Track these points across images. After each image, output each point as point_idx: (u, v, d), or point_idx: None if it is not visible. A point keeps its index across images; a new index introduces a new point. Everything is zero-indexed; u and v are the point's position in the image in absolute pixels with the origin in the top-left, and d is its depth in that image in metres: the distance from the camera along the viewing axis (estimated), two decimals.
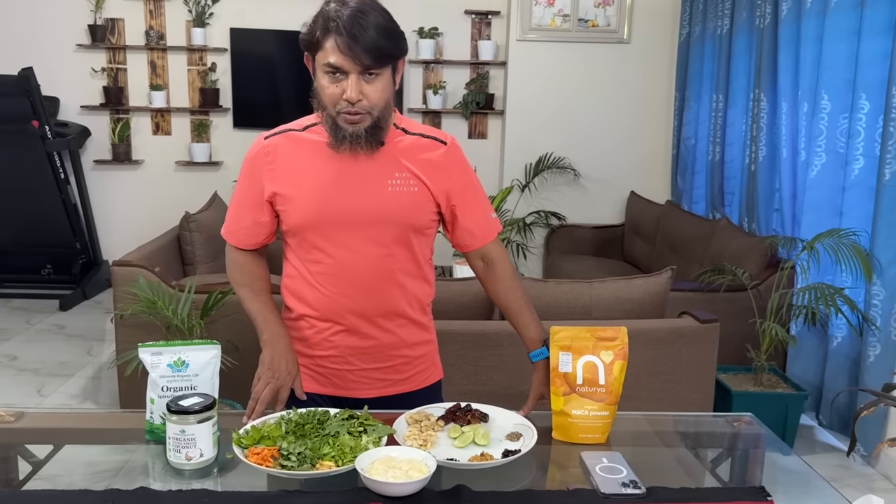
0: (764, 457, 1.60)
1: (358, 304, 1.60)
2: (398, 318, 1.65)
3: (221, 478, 1.34)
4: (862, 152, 3.26)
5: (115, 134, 5.62)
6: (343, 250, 1.58)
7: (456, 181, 1.64)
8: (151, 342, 1.51)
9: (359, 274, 1.59)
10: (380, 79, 1.49)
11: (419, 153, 1.60)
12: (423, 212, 1.61)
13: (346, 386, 1.67)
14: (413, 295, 1.66)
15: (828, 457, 3.23)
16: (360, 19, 1.44)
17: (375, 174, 1.56)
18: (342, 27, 1.43)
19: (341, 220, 1.56)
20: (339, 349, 1.64)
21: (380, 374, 1.67)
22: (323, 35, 1.46)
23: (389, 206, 1.57)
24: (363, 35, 1.43)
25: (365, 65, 1.45)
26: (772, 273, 3.60)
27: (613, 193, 5.76)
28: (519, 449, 1.39)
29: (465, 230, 1.67)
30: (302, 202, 1.57)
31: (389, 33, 1.48)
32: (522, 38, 5.54)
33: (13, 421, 1.53)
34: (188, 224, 4.05)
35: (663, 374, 2.77)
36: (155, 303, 2.90)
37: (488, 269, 1.71)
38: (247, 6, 5.56)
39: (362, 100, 1.48)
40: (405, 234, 1.60)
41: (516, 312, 1.69)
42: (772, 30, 3.93)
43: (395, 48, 1.49)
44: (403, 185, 1.57)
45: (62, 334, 4.65)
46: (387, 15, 1.50)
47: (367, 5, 1.47)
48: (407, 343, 1.68)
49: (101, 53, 5.58)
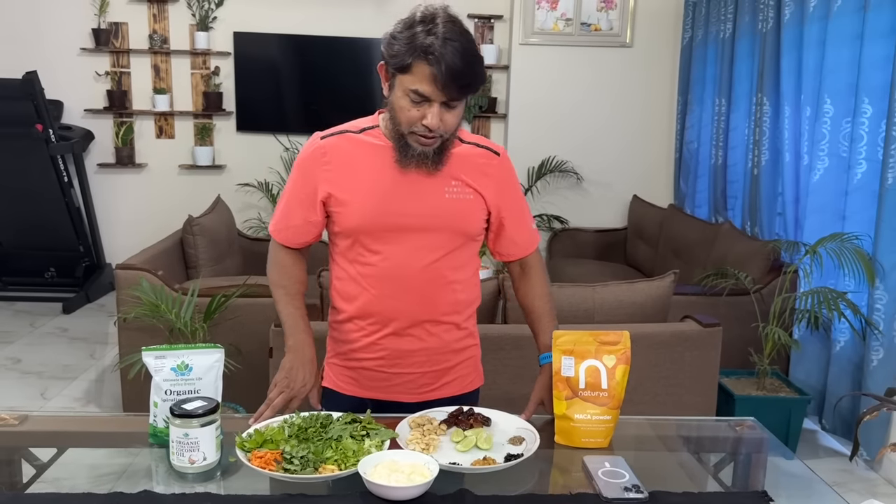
0: (766, 461, 1.60)
1: (407, 307, 1.62)
2: (445, 323, 1.67)
3: (224, 481, 1.35)
4: (865, 156, 3.26)
5: (119, 137, 5.63)
6: (396, 254, 1.59)
7: (506, 192, 1.67)
8: (155, 346, 1.51)
9: (410, 278, 1.60)
10: (458, 106, 1.51)
11: (474, 162, 1.64)
12: (476, 219, 1.64)
13: (390, 390, 1.69)
14: (461, 301, 1.68)
15: (831, 461, 3.23)
16: (454, 51, 1.43)
17: (433, 181, 1.59)
18: (439, 59, 1.43)
19: (397, 224, 1.58)
20: (386, 352, 1.66)
21: (425, 378, 1.69)
22: (414, 60, 1.45)
23: (446, 212, 1.59)
24: (456, 68, 1.43)
25: (452, 97, 1.47)
26: (775, 277, 3.60)
27: (616, 197, 5.76)
28: (521, 453, 1.40)
29: (510, 240, 1.72)
30: (358, 205, 1.58)
31: (476, 63, 1.48)
32: (525, 42, 5.54)
33: (17, 424, 1.53)
34: (191, 227, 4.06)
35: (666, 378, 2.77)
36: (158, 306, 2.91)
37: (524, 274, 1.77)
38: (250, 10, 5.57)
39: (440, 126, 1.50)
40: (458, 240, 1.63)
41: (538, 317, 1.73)
42: (774, 34, 3.94)
43: (479, 79, 1.50)
44: (460, 193, 1.61)
45: (65, 337, 4.66)
46: (469, 35, 1.49)
47: (457, 33, 1.46)
48: (453, 348, 1.70)
49: (105, 57, 5.60)
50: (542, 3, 5.48)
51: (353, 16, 5.56)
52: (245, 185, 5.72)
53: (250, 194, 5.78)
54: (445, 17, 1.48)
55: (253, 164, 5.74)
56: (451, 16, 1.49)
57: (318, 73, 5.58)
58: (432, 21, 1.46)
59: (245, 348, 3.01)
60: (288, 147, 5.71)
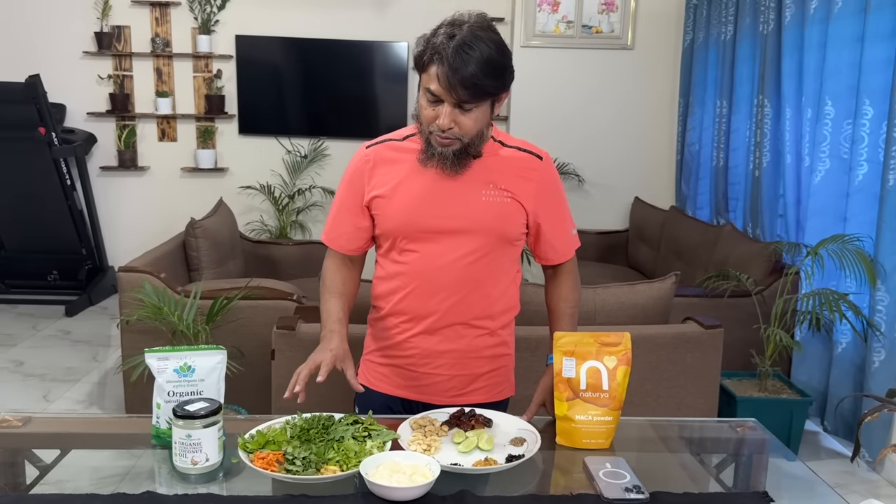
0: (767, 462, 1.60)
1: (440, 307, 1.65)
2: (477, 327, 1.69)
3: (227, 482, 1.35)
4: (866, 158, 3.26)
5: (121, 140, 5.65)
6: (432, 254, 1.62)
7: (546, 197, 1.69)
8: (158, 347, 1.52)
9: (444, 278, 1.63)
10: (475, 110, 1.52)
11: (514, 166, 1.65)
12: (514, 223, 1.66)
13: (421, 390, 1.71)
14: (495, 306, 1.70)
15: (833, 463, 3.23)
16: (465, 53, 1.45)
17: (471, 184, 1.61)
18: (445, 59, 1.45)
19: (434, 226, 1.61)
20: (418, 350, 1.69)
21: (454, 381, 1.71)
22: (429, 60, 1.49)
23: (482, 215, 1.61)
24: (463, 70, 1.45)
25: (461, 99, 1.48)
26: (776, 279, 3.60)
27: (618, 199, 5.77)
28: (522, 454, 1.40)
29: (549, 245, 1.74)
30: (397, 206, 1.62)
31: (493, 69, 1.48)
32: (526, 45, 5.55)
33: (20, 426, 1.54)
34: (194, 230, 4.06)
35: (667, 379, 2.77)
36: (161, 308, 2.92)
37: (556, 276, 1.80)
38: (252, 13, 5.58)
39: (454, 127, 1.52)
40: (495, 243, 1.64)
41: (559, 318, 1.76)
42: (775, 36, 3.94)
43: (494, 86, 1.51)
44: (497, 196, 1.62)
45: (68, 340, 4.67)
46: (497, 45, 1.50)
47: (478, 36, 1.47)
48: (484, 354, 1.71)
49: (108, 60, 5.62)
50: (543, 5, 5.49)
51: (354, 19, 5.57)
52: (247, 188, 5.73)
53: (252, 197, 5.79)
54: (474, 22, 1.50)
55: (255, 167, 5.75)
56: (482, 21, 1.51)
57: (320, 76, 5.58)
58: (459, 25, 1.49)
59: (247, 351, 3.02)
60: (290, 150, 5.72)
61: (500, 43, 1.51)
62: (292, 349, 2.62)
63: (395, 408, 1.72)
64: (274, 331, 2.64)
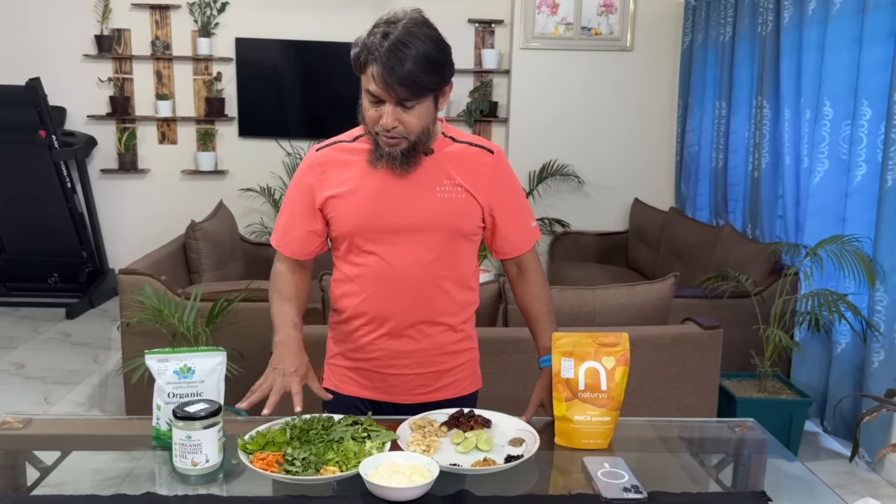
0: (766, 462, 1.61)
1: (402, 308, 1.63)
2: (440, 324, 1.68)
3: (227, 483, 1.36)
4: (864, 159, 3.27)
5: (122, 143, 5.66)
6: (390, 255, 1.61)
7: (499, 190, 1.67)
8: (158, 349, 1.52)
9: (404, 278, 1.61)
10: (418, 107, 1.51)
11: (466, 161, 1.64)
12: (470, 218, 1.64)
13: (388, 391, 1.70)
14: (456, 302, 1.69)
15: (833, 463, 3.23)
16: (400, 52, 1.44)
17: (424, 181, 1.60)
18: (380, 59, 1.44)
19: (390, 225, 1.60)
20: (382, 352, 1.67)
21: (420, 380, 1.69)
22: (365, 61, 1.48)
23: (438, 212, 1.60)
24: (399, 69, 1.43)
25: (401, 97, 1.47)
26: (775, 279, 3.61)
27: (617, 200, 5.77)
28: (521, 454, 1.40)
29: (505, 239, 1.72)
30: (352, 208, 1.60)
31: (430, 65, 1.46)
32: (526, 47, 5.56)
33: (21, 428, 1.54)
34: (194, 232, 4.07)
35: (667, 380, 2.78)
36: (161, 311, 2.93)
37: (521, 275, 1.76)
38: (252, 16, 5.60)
39: (398, 126, 1.51)
40: (452, 239, 1.63)
41: (536, 318, 1.74)
42: (774, 37, 3.95)
43: (433, 81, 1.49)
44: (451, 192, 1.61)
45: (69, 342, 4.68)
46: (434, 41, 1.48)
47: (412, 34, 1.46)
48: (448, 350, 1.70)
49: (108, 63, 5.63)
50: (542, 7, 5.50)
51: (354, 21, 5.57)
52: (247, 191, 5.74)
53: (252, 199, 5.80)
54: (409, 20, 1.48)
55: (255, 170, 5.75)
56: (416, 19, 1.49)
57: (320, 79, 5.58)
58: (394, 23, 1.48)
59: (247, 353, 3.02)
60: (290, 152, 5.73)
61: (436, 38, 1.49)
62: None
63: (363, 409, 1.69)
64: None
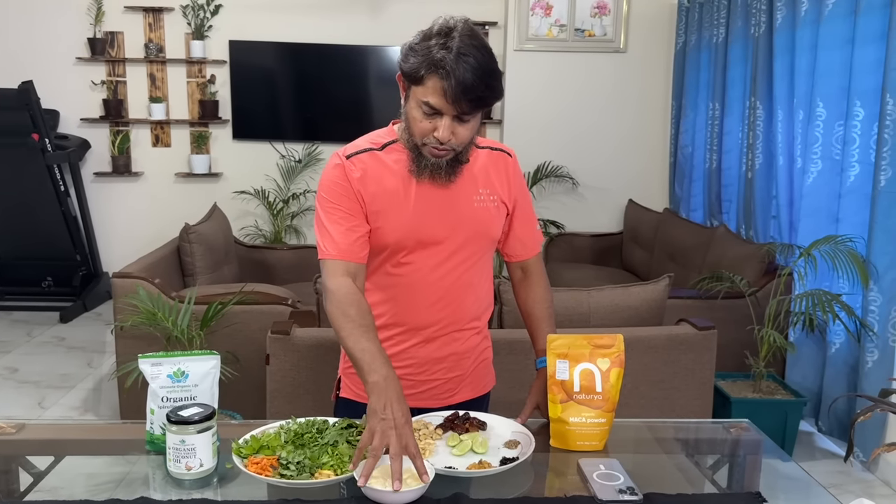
0: (761, 462, 1.61)
1: (439, 315, 1.64)
2: (472, 328, 1.69)
3: (221, 488, 1.35)
4: (857, 159, 3.28)
5: (115, 146, 5.64)
6: (427, 264, 1.60)
7: (518, 192, 1.70)
8: (151, 353, 1.51)
9: (442, 287, 1.62)
10: (472, 120, 1.51)
11: (494, 167, 1.66)
12: (499, 223, 1.67)
13: (417, 397, 1.67)
14: (483, 305, 1.71)
15: (828, 463, 3.24)
16: (466, 64, 1.42)
17: (462, 191, 1.60)
18: (449, 73, 1.42)
19: (431, 236, 1.59)
20: (415, 360, 1.67)
21: (450, 384, 1.70)
22: (427, 73, 1.45)
23: (476, 221, 1.61)
24: (467, 82, 1.42)
25: (464, 111, 1.47)
26: (769, 280, 3.61)
27: (612, 201, 5.78)
28: (517, 457, 1.40)
29: (518, 240, 1.73)
30: (395, 222, 1.57)
31: (490, 78, 1.46)
32: (519, 48, 5.57)
33: (14, 432, 1.54)
34: (188, 235, 4.06)
35: (662, 381, 2.78)
36: (155, 314, 2.91)
37: (525, 278, 1.78)
38: (246, 19, 5.59)
39: (451, 139, 1.50)
40: (486, 246, 1.66)
41: (537, 321, 1.74)
42: (767, 38, 3.96)
43: (493, 95, 1.48)
44: (486, 200, 1.63)
45: (63, 346, 4.66)
46: (490, 53, 1.48)
47: (472, 46, 1.44)
48: (477, 350, 1.73)
49: (101, 66, 5.61)
50: (536, 9, 5.51)
51: (347, 24, 5.58)
52: (241, 193, 5.73)
53: (247, 202, 5.79)
54: (463, 30, 1.46)
55: (249, 172, 5.74)
56: (469, 29, 1.48)
57: (314, 81, 5.58)
58: (448, 34, 1.45)
59: (242, 356, 3.01)
60: (284, 154, 5.72)
61: (490, 49, 1.49)
62: (287, 354, 2.62)
63: None
64: (269, 335, 2.63)
